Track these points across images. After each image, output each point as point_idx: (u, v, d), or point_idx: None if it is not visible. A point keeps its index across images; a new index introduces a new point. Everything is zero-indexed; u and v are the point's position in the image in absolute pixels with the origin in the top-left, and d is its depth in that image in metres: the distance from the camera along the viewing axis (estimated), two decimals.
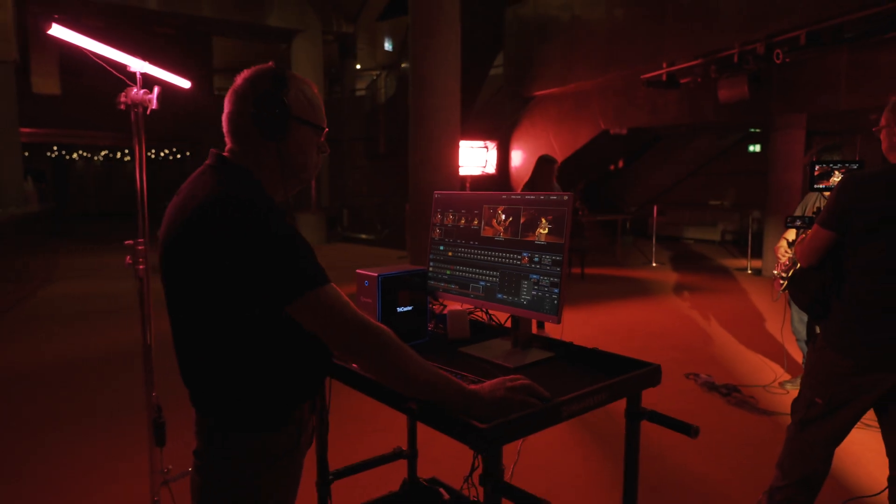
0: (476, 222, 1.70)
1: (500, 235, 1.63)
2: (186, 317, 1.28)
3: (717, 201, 15.23)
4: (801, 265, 2.37)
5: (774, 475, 2.56)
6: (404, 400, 1.28)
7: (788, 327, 4.36)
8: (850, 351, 2.20)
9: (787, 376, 4.52)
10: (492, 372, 1.48)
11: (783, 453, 2.52)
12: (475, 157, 10.25)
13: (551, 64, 10.38)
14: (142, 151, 2.30)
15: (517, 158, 11.77)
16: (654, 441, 3.37)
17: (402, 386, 1.25)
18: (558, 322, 1.45)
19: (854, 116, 8.21)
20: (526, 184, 5.43)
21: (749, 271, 9.69)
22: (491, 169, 10.46)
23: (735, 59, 6.72)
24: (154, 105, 2.26)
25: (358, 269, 1.76)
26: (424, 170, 8.37)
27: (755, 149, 14.59)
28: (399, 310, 1.76)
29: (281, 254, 1.17)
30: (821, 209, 2.32)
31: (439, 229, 1.82)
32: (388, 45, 22.27)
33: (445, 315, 1.84)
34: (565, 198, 1.48)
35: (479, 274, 1.68)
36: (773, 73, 6.84)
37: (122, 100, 2.26)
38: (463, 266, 1.73)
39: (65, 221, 17.92)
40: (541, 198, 1.53)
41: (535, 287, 1.52)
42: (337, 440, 2.04)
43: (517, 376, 1.29)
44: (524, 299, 1.55)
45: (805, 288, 2.37)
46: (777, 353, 5.07)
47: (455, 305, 1.90)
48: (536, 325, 4.35)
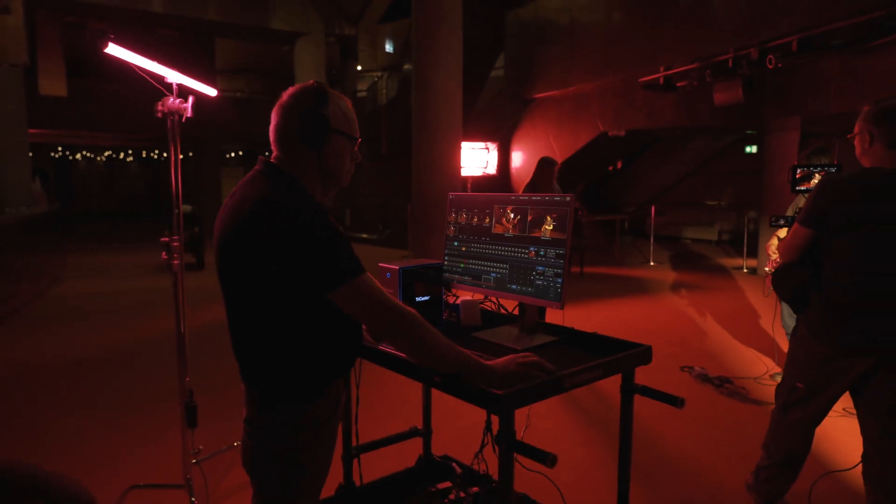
0: (487, 220, 1.90)
1: (509, 232, 1.83)
2: (241, 302, 1.48)
3: (714, 201, 15.44)
4: (782, 261, 2.57)
5: (760, 455, 2.77)
6: (430, 374, 1.48)
7: (779, 322, 4.57)
8: (828, 339, 2.41)
9: (777, 369, 4.72)
10: (502, 353, 1.68)
11: (768, 435, 2.73)
12: (476, 158, 10.45)
13: (551, 67, 10.59)
14: (177, 155, 2.50)
15: (517, 159, 11.97)
16: (650, 429, 3.57)
17: (429, 361, 1.45)
18: (561, 308, 1.66)
19: (846, 119, 8.41)
20: (527, 185, 5.63)
21: (745, 270, 9.90)
22: (492, 170, 10.67)
23: (729, 64, 6.94)
24: (189, 113, 2.46)
25: (380, 263, 1.97)
26: (427, 171, 8.58)
27: (752, 150, 14.79)
28: (417, 299, 1.96)
29: (325, 250, 1.37)
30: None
31: (454, 227, 2.02)
32: (388, 47, 22.48)
33: (458, 305, 2.04)
34: (568, 199, 1.69)
35: (490, 266, 1.88)
36: (767, 78, 7.05)
37: (159, 108, 2.45)
38: (476, 259, 1.93)
39: (67, 221, 18.11)
40: (546, 198, 1.74)
41: (541, 277, 1.72)
42: (359, 419, 2.23)
43: (527, 353, 1.49)
44: (531, 288, 1.75)
45: (786, 282, 2.57)
46: (769, 347, 5.27)
47: (466, 296, 2.10)
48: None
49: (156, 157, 25.73)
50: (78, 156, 25.14)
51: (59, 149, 23.85)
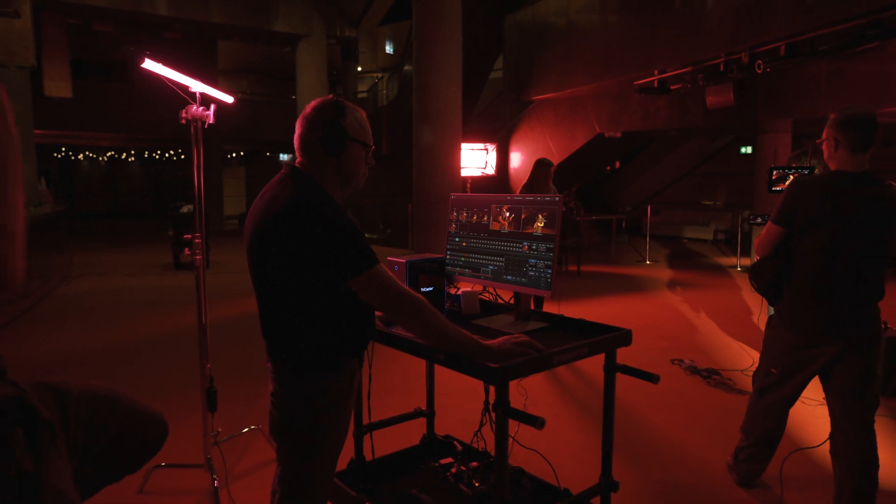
0: (486, 218, 2.12)
1: (505, 229, 2.04)
2: (271, 287, 1.69)
3: (709, 201, 15.67)
4: (758, 256, 2.79)
5: (739, 437, 2.99)
6: (435, 352, 1.70)
7: (766, 317, 4.78)
8: (799, 328, 2.62)
9: None
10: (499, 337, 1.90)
11: (746, 418, 2.95)
12: (475, 159, 10.66)
13: (549, 70, 10.80)
14: (200, 159, 2.70)
15: (516, 160, 12.18)
16: (640, 417, 3.79)
17: (435, 341, 1.66)
18: (551, 296, 1.87)
19: None
20: (524, 185, 5.84)
21: (739, 268, 10.12)
22: (491, 170, 10.88)
23: (721, 68, 7.16)
24: (211, 120, 2.67)
25: (388, 258, 2.18)
26: (427, 172, 8.79)
27: (747, 150, 15.03)
28: (422, 290, 2.17)
29: (346, 243, 1.58)
30: None
31: (455, 224, 2.24)
32: (389, 49, 22.69)
33: (460, 296, 2.25)
34: (557, 199, 1.90)
35: (488, 259, 2.09)
36: (758, 81, 7.27)
37: (183, 115, 2.66)
38: (475, 253, 2.14)
39: (71, 221, 18.33)
40: (537, 199, 1.95)
41: (533, 269, 1.93)
42: (369, 401, 2.44)
43: (519, 335, 1.71)
44: (524, 279, 1.96)
45: (761, 276, 2.78)
46: (757, 342, 5.47)
47: (466, 288, 2.31)
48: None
49: (157, 157, 25.92)
50: (80, 156, 25.33)
51: (63, 149, 24.04)
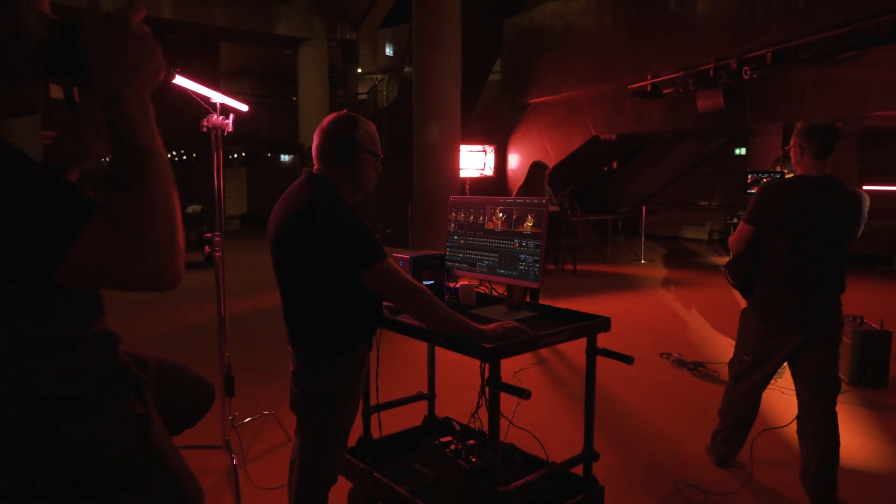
0: (481, 218, 2.36)
1: (498, 228, 2.28)
2: (293, 280, 1.93)
3: (705, 202, 15.93)
4: (732, 253, 3.04)
5: (717, 421, 3.23)
6: (437, 335, 1.94)
7: None
8: (768, 319, 2.87)
9: None
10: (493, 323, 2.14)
11: (722, 403, 3.19)
12: (474, 160, 10.91)
13: (546, 73, 11.06)
14: (220, 163, 2.94)
15: (514, 161, 12.43)
16: (626, 405, 4.03)
17: (436, 325, 1.90)
18: (538, 286, 2.12)
19: None
20: (520, 186, 6.09)
21: None
22: (489, 171, 11.13)
23: (711, 74, 7.41)
24: (230, 128, 2.91)
25: (394, 254, 2.42)
26: (427, 173, 9.04)
27: (741, 152, 15.29)
28: (424, 283, 2.41)
29: (358, 240, 1.82)
30: None
31: (454, 223, 2.48)
32: (388, 51, 22.93)
33: (458, 289, 2.49)
34: (543, 201, 2.15)
35: (483, 255, 2.33)
36: (747, 86, 7.52)
37: (204, 124, 2.90)
38: (472, 250, 2.38)
39: None
40: (527, 201, 2.19)
41: (523, 263, 2.17)
42: (374, 384, 2.68)
43: (511, 321, 1.95)
44: (515, 272, 2.20)
45: (735, 271, 3.03)
46: None
47: (464, 282, 2.55)
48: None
49: None
50: None
51: None
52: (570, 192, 10.10)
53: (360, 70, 21.81)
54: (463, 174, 9.94)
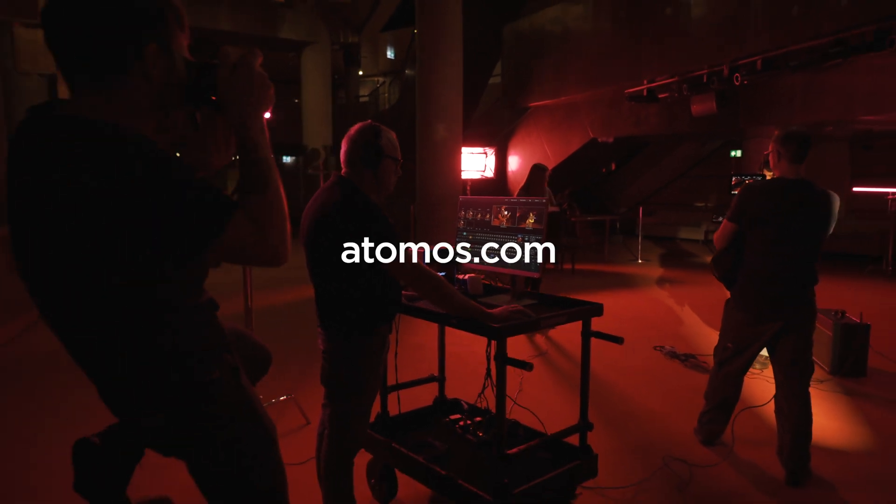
0: (488, 216, 2.63)
1: (503, 224, 2.56)
2: (322, 270, 2.21)
3: (701, 203, 16.20)
4: (717, 248, 3.31)
5: (703, 405, 3.51)
6: (450, 318, 2.21)
7: None
8: (748, 309, 3.15)
9: None
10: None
11: (708, 387, 3.47)
12: (475, 162, 11.19)
13: (545, 77, 11.35)
14: None
15: (514, 163, 12.71)
16: (621, 392, 4.30)
17: (450, 309, 2.17)
18: (539, 276, 2.39)
19: (816, 127, 9.20)
20: (521, 188, 6.37)
21: None
22: (490, 173, 11.41)
23: (704, 79, 7.69)
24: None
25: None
26: (430, 174, 9.31)
27: (737, 153, 15.56)
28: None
29: (381, 234, 2.10)
30: None
31: (463, 221, 2.76)
32: (390, 54, 23.23)
33: (466, 280, 2.77)
34: (543, 201, 2.42)
35: (489, 249, 2.61)
36: (739, 91, 7.80)
37: None
38: (479, 244, 2.66)
39: None
40: (529, 201, 2.47)
41: (525, 255, 2.45)
42: (391, 367, 2.95)
43: (515, 305, 2.23)
44: (518, 264, 2.48)
45: (720, 265, 3.31)
46: None
47: (471, 274, 2.82)
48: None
49: None
50: None
51: None
52: (568, 194, 10.39)
53: (361, 73, 22.10)
54: (464, 176, 10.21)
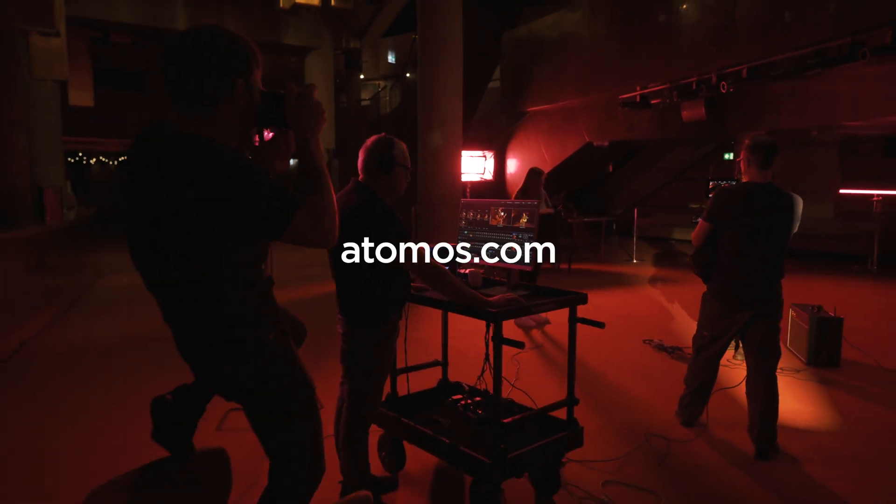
0: (487, 216, 2.97)
1: (500, 224, 2.90)
2: (348, 265, 2.54)
3: (695, 205, 16.53)
4: (694, 246, 3.65)
5: (683, 389, 3.84)
6: (453, 305, 2.54)
7: None
8: (722, 300, 3.48)
9: None
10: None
11: (687, 373, 3.80)
12: (475, 165, 11.53)
13: (543, 83, 11.70)
14: None
15: (512, 166, 13.06)
16: (611, 381, 4.63)
17: (453, 297, 2.50)
18: (531, 268, 2.73)
19: (802, 133, 9.56)
20: (519, 190, 6.70)
21: None
22: (489, 175, 11.76)
23: (693, 87, 8.04)
24: (267, 138, 3.50)
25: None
26: (431, 177, 9.64)
27: (730, 157, 15.90)
28: None
29: (395, 234, 2.43)
30: None
31: (464, 221, 3.09)
32: (391, 58, 23.57)
33: (467, 274, 3.10)
34: (535, 203, 2.76)
35: (488, 246, 2.95)
36: (728, 98, 8.15)
37: None
38: (479, 242, 3.00)
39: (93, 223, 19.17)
40: (523, 203, 2.81)
41: (520, 251, 2.79)
42: (401, 351, 3.28)
43: (510, 293, 2.56)
44: (514, 258, 2.82)
45: (697, 261, 3.64)
46: None
47: (472, 269, 3.16)
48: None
49: None
50: (92, 160, 26.16)
51: (80, 154, 24.88)
52: (563, 196, 10.73)
53: (362, 76, 22.42)
54: (464, 178, 10.55)
